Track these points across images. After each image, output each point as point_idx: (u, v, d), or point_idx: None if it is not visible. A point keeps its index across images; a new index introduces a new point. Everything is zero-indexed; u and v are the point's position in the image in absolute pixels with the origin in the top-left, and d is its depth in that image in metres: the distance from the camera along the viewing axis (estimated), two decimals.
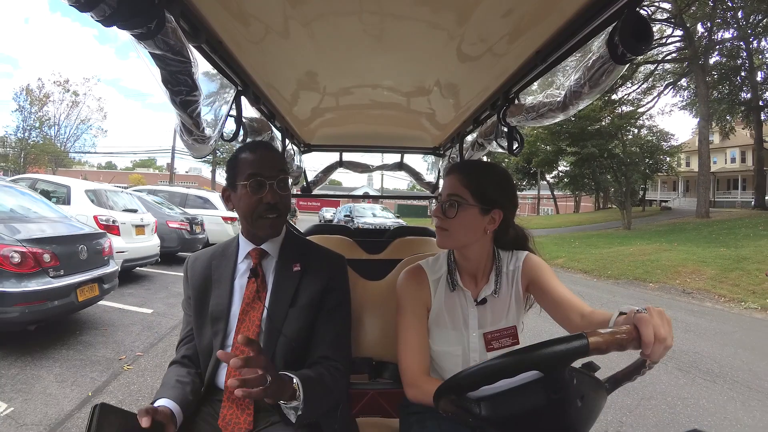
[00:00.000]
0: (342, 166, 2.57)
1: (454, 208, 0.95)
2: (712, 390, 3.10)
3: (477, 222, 0.96)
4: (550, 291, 0.95)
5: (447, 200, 0.96)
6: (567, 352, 0.58)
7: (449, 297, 1.02)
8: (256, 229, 0.98)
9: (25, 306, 2.80)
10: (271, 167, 0.96)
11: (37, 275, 2.90)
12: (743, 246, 9.39)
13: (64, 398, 2.44)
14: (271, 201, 0.94)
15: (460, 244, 0.99)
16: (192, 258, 1.08)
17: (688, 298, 6.97)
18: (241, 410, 0.91)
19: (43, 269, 2.94)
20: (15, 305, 2.77)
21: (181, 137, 1.02)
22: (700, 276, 7.75)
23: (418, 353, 0.98)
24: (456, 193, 0.95)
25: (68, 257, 3.18)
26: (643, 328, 0.60)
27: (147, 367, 3.00)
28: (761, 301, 6.25)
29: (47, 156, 25.70)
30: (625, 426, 2.51)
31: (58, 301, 3.00)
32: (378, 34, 0.96)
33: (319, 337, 0.97)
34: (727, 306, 6.42)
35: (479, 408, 0.62)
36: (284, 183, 0.98)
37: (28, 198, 3.80)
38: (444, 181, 1.01)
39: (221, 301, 0.97)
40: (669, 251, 9.74)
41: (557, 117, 1.09)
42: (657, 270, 8.34)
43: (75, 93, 26.75)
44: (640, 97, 20.98)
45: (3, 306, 2.74)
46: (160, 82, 0.83)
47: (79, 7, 0.57)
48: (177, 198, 8.60)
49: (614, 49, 0.77)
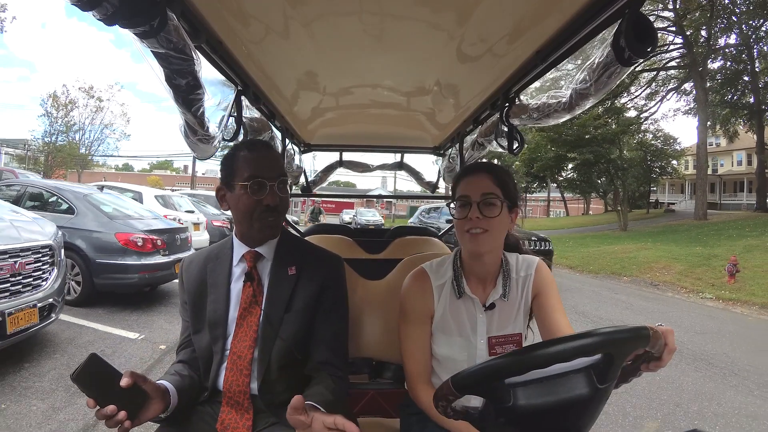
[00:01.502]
0: (342, 166, 2.61)
1: (495, 206, 0.90)
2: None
3: (507, 222, 0.94)
4: (549, 312, 0.94)
5: (483, 199, 0.91)
6: (634, 339, 0.58)
7: (455, 303, 0.98)
8: (254, 231, 0.94)
9: (144, 274, 4.23)
10: (272, 168, 0.93)
11: (152, 254, 4.35)
12: (719, 245, 10.10)
13: (175, 331, 3.74)
14: (271, 203, 0.91)
15: (498, 245, 0.95)
16: (187, 261, 1.04)
17: (654, 289, 7.75)
18: (240, 414, 0.90)
19: (156, 250, 4.39)
20: (137, 273, 4.22)
21: (185, 137, 1.01)
22: (669, 271, 8.54)
23: (417, 362, 0.98)
24: (492, 192, 0.91)
25: (171, 242, 4.67)
26: (670, 337, 0.65)
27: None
28: (717, 292, 7.04)
29: (74, 159, 26.87)
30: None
31: (163, 272, 4.44)
32: (378, 34, 0.95)
33: (318, 339, 0.96)
34: (686, 296, 7.21)
35: (512, 396, 0.58)
36: (284, 185, 0.95)
37: (131, 202, 5.32)
38: (465, 181, 0.95)
39: (218, 306, 0.95)
40: (648, 250, 10.53)
41: (563, 117, 1.07)
42: (633, 266, 9.18)
43: (99, 99, 27.77)
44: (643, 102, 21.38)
45: (129, 273, 4.18)
46: (164, 81, 0.82)
47: (81, 6, 0.58)
48: (211, 200, 10.16)
49: (620, 52, 0.76)
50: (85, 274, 4.13)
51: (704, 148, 16.95)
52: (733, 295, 6.90)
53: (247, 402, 0.91)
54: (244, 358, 0.90)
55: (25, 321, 2.64)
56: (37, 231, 2.97)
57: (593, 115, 17.54)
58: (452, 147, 2.06)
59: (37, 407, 2.32)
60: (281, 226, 1.00)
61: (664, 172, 23.13)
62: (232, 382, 0.90)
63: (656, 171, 22.80)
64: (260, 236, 0.97)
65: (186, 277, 1.02)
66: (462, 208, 0.93)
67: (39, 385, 2.56)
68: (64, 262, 3.17)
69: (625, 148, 19.49)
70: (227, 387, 0.91)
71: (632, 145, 21.29)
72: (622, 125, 19.00)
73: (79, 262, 4.10)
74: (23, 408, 2.30)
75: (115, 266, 4.12)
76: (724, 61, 17.93)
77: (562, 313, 0.95)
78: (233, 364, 0.91)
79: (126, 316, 4.06)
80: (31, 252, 2.76)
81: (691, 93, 20.23)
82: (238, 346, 0.92)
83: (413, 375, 0.98)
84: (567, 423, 0.60)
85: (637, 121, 20.40)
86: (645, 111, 21.33)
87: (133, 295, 4.51)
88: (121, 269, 4.13)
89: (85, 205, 4.47)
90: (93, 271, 4.12)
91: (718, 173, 27.30)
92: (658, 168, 22.92)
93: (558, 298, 0.97)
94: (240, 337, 0.92)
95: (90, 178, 27.95)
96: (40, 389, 2.52)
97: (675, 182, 29.90)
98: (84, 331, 3.56)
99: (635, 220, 18.93)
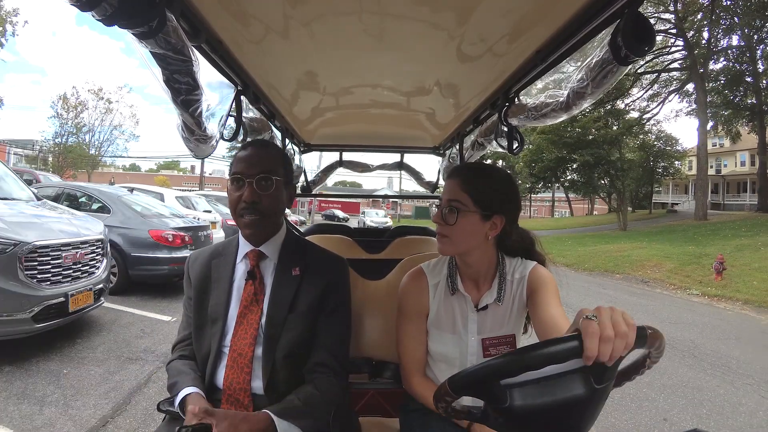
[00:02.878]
0: (342, 166, 2.62)
1: (454, 214, 0.91)
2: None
3: (478, 228, 0.92)
4: (542, 307, 0.91)
5: (447, 206, 0.92)
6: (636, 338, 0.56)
7: (448, 300, 1.00)
8: (240, 227, 0.96)
9: (174, 266, 4.81)
10: (254, 165, 0.93)
11: (181, 248, 4.96)
12: (712, 245, 10.41)
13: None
14: (247, 199, 0.91)
15: (461, 250, 0.96)
16: (193, 257, 1.06)
17: (644, 286, 8.15)
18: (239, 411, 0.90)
19: (185, 245, 4.99)
20: (168, 265, 4.78)
21: (182, 137, 1.01)
22: (660, 269, 8.92)
23: (412, 356, 1.01)
24: (456, 199, 0.91)
25: (196, 238, 5.30)
26: (588, 341, 0.53)
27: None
28: (703, 289, 7.43)
29: (84, 160, 27.56)
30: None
31: None
32: (378, 34, 0.96)
33: (318, 341, 0.96)
34: (674, 292, 7.59)
35: (508, 397, 0.58)
36: (267, 182, 0.93)
37: (158, 203, 5.92)
38: (445, 184, 0.97)
39: (219, 302, 0.96)
40: (643, 249, 10.88)
41: (560, 117, 1.08)
42: (626, 264, 9.56)
43: (108, 101, 28.40)
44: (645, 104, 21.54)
45: (160, 265, 4.78)
46: (162, 82, 0.82)
47: (80, 6, 0.58)
48: (223, 200, 10.72)
49: (617, 51, 0.77)
50: (121, 265, 4.69)
51: (704, 149, 17.11)
52: (719, 291, 7.24)
53: (248, 399, 0.91)
54: (244, 355, 0.91)
55: (83, 302, 3.18)
56: (90, 227, 3.52)
57: (593, 117, 17.82)
58: (452, 147, 2.07)
59: (95, 371, 2.82)
60: (265, 227, 0.97)
61: (667, 172, 23.27)
62: (233, 379, 0.91)
63: (659, 172, 22.95)
64: (244, 233, 0.98)
65: (191, 272, 1.03)
66: (437, 211, 0.98)
67: (93, 356, 3.07)
68: (109, 254, 3.72)
69: (625, 149, 19.75)
70: (227, 384, 0.92)
71: (634, 146, 21.51)
72: (623, 127, 19.24)
73: (116, 255, 4.64)
74: (83, 372, 2.79)
75: (148, 259, 4.73)
76: (727, 63, 18.04)
77: (558, 307, 0.91)
78: (234, 362, 0.92)
79: (158, 303, 4.60)
80: (88, 245, 3.31)
81: (692, 95, 20.32)
82: (239, 343, 0.93)
83: (407, 367, 1.01)
84: (565, 423, 0.60)
85: (638, 123, 20.58)
86: (647, 112, 21.49)
87: (163, 285, 5.09)
88: (154, 261, 4.74)
89: (120, 206, 5.06)
90: (128, 263, 4.70)
91: (721, 174, 27.32)
92: (661, 169, 23.08)
93: (554, 294, 0.94)
94: (240, 335, 0.93)
95: (99, 178, 28.63)
96: (94, 359, 3.02)
97: (679, 183, 29.96)
98: (123, 315, 4.09)
99: (637, 220, 19.20)
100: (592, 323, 0.55)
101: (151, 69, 0.81)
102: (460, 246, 0.95)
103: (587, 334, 0.54)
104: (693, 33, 17.61)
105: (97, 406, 2.35)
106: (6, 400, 2.34)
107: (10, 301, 2.66)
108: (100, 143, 29.42)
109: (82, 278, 3.20)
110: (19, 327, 2.73)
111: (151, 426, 2.21)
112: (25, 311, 2.72)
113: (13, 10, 17.83)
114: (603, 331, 0.54)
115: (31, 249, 2.80)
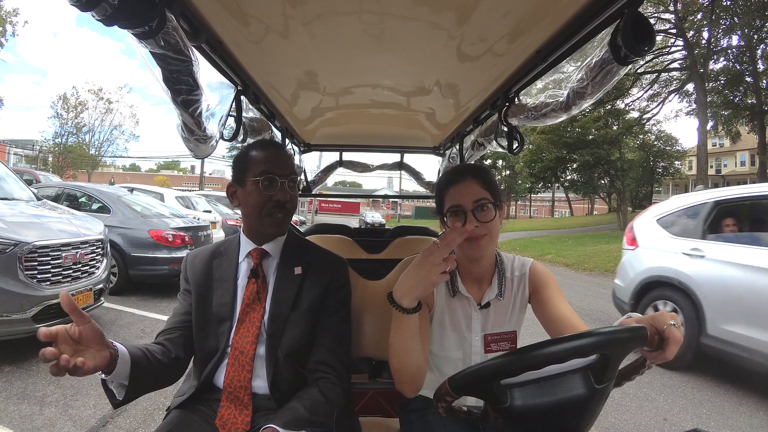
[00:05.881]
0: (342, 166, 2.63)
1: (490, 211, 0.91)
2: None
3: (498, 221, 0.94)
4: (550, 305, 0.93)
5: (475, 206, 0.90)
6: (631, 340, 0.57)
7: (449, 301, 1.00)
8: (262, 226, 0.96)
9: (174, 266, 4.80)
10: (284, 166, 0.96)
11: (180, 248, 4.96)
12: None
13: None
14: (281, 199, 0.94)
15: (496, 245, 0.97)
16: (192, 255, 1.06)
17: None
18: (239, 410, 0.90)
19: (185, 245, 4.99)
20: (168, 265, 4.78)
21: (182, 137, 1.01)
22: None
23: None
24: (484, 197, 0.91)
25: (197, 238, 5.34)
26: (673, 346, 0.61)
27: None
28: None
29: (84, 159, 27.40)
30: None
31: None
32: (378, 34, 0.96)
33: (319, 340, 0.97)
34: None
35: (509, 396, 0.57)
36: (294, 183, 0.98)
37: (157, 203, 5.91)
38: (453, 189, 0.93)
39: (225, 302, 0.96)
40: None
41: (560, 117, 1.08)
42: None
43: (109, 101, 28.23)
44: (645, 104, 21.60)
45: (160, 265, 4.77)
46: (161, 82, 0.82)
47: (80, 6, 0.58)
48: (223, 200, 10.73)
49: (617, 51, 0.77)
50: (121, 265, 4.70)
51: (704, 149, 17.11)
52: None
53: (248, 398, 0.91)
54: (246, 354, 0.91)
55: (83, 302, 3.18)
56: (90, 227, 3.52)
57: (593, 117, 17.84)
58: (452, 147, 2.07)
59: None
60: (289, 223, 1.01)
61: (667, 172, 23.29)
62: (234, 377, 0.91)
63: (659, 172, 22.99)
64: (268, 232, 0.98)
65: (191, 270, 1.02)
66: (455, 217, 0.92)
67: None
68: (109, 254, 3.72)
69: (625, 149, 19.78)
70: (228, 382, 0.92)
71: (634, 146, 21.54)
72: (623, 127, 19.26)
73: (116, 255, 4.65)
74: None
75: (148, 259, 4.75)
76: (726, 62, 18.06)
77: (563, 302, 0.94)
78: (235, 360, 0.92)
79: (157, 303, 4.59)
80: (88, 245, 3.31)
81: (692, 95, 20.36)
82: (240, 342, 0.93)
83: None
84: (565, 423, 0.59)
85: (638, 123, 20.59)
86: (647, 112, 21.52)
87: (163, 285, 5.09)
88: (154, 262, 4.76)
89: (120, 206, 5.05)
90: (128, 263, 4.70)
91: (721, 174, 27.38)
92: (661, 169, 23.11)
93: (557, 290, 0.97)
94: (242, 333, 0.93)
95: (99, 178, 28.65)
96: None
97: (679, 183, 29.98)
98: (123, 315, 4.09)
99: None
100: (678, 332, 0.61)
101: (151, 69, 0.81)
102: (495, 242, 0.95)
103: (675, 341, 0.62)
104: (693, 33, 17.61)
105: (97, 406, 2.35)
106: (6, 400, 2.34)
107: (10, 301, 2.66)
108: (100, 143, 29.48)
109: (82, 278, 3.20)
110: (19, 327, 2.73)
111: (151, 426, 2.22)
112: (25, 311, 2.72)
113: (13, 10, 17.85)
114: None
115: (31, 249, 2.80)
